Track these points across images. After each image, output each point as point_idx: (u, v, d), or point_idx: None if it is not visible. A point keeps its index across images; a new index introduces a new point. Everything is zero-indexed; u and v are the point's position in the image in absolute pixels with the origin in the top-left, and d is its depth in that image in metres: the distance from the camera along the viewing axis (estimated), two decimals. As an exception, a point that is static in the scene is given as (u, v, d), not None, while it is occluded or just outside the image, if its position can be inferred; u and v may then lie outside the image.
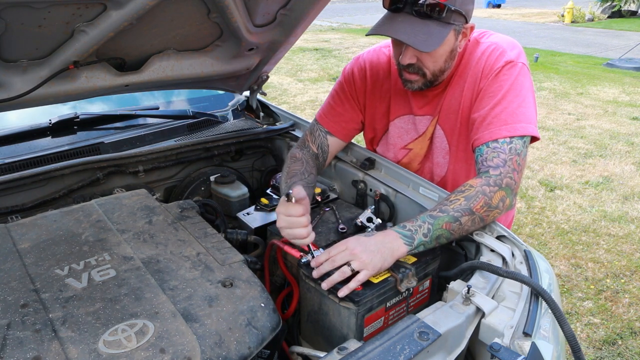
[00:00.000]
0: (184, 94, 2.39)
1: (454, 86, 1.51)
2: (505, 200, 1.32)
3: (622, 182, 4.73)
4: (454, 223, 1.26)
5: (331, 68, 9.65)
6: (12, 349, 0.88)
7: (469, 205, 1.28)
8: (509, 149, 1.34)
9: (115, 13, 1.30)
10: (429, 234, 1.25)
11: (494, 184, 1.30)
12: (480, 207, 1.28)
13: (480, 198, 1.29)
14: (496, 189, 1.30)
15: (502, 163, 1.33)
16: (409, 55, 1.41)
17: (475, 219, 1.28)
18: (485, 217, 1.30)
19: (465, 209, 1.27)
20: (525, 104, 1.38)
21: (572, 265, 3.41)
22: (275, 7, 1.60)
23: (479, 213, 1.28)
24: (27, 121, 1.86)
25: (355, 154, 1.77)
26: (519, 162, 1.34)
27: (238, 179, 1.86)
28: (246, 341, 0.97)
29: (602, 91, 8.09)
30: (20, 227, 1.27)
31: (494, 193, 1.30)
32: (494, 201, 1.29)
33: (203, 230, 1.31)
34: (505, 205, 1.32)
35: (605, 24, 16.70)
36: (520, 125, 1.35)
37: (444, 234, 1.26)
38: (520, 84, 1.39)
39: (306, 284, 1.28)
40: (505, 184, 1.31)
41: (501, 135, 1.35)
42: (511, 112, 1.36)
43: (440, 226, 1.25)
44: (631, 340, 2.71)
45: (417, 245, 1.24)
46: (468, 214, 1.27)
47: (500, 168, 1.32)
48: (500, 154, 1.34)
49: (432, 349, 1.01)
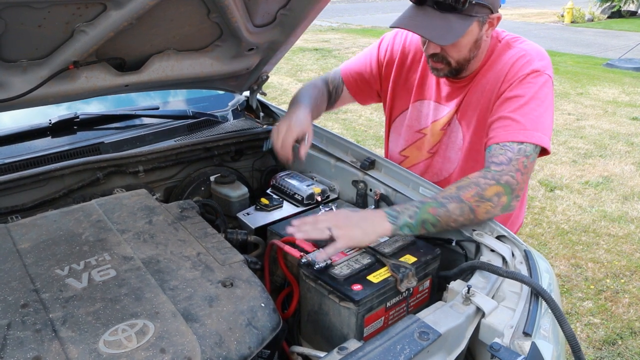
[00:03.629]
0: (184, 94, 2.39)
1: (478, 83, 1.51)
2: (501, 196, 1.29)
3: (622, 182, 4.73)
4: (440, 209, 1.26)
5: (331, 68, 9.60)
6: (12, 349, 0.88)
7: (459, 193, 1.28)
8: (518, 149, 1.33)
9: (115, 13, 1.30)
10: (414, 217, 1.25)
11: (491, 178, 1.30)
12: (470, 197, 1.27)
13: (472, 188, 1.28)
14: (492, 183, 1.29)
15: (506, 161, 1.32)
16: (433, 45, 1.43)
17: (464, 207, 1.27)
18: (476, 207, 1.28)
19: (453, 197, 1.27)
20: (546, 114, 1.38)
21: (572, 265, 3.41)
22: (275, 7, 1.60)
23: (468, 202, 1.27)
24: (27, 121, 1.86)
25: (355, 154, 1.77)
26: (525, 164, 1.33)
27: (238, 179, 1.86)
28: (246, 341, 0.97)
29: (602, 91, 8.09)
30: (20, 227, 1.27)
31: (488, 186, 1.29)
32: (486, 193, 1.28)
33: (203, 230, 1.31)
34: (501, 202, 1.30)
35: (605, 24, 16.70)
36: (537, 134, 1.34)
37: (429, 219, 1.26)
38: (545, 94, 1.39)
39: (306, 284, 1.28)
40: (505, 181, 1.30)
41: (516, 139, 1.34)
42: (532, 119, 1.36)
43: (427, 210, 1.26)
44: (631, 340, 2.71)
45: (402, 225, 1.25)
46: (456, 201, 1.27)
47: (504, 165, 1.31)
48: (508, 152, 1.33)
49: (432, 349, 1.01)
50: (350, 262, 1.27)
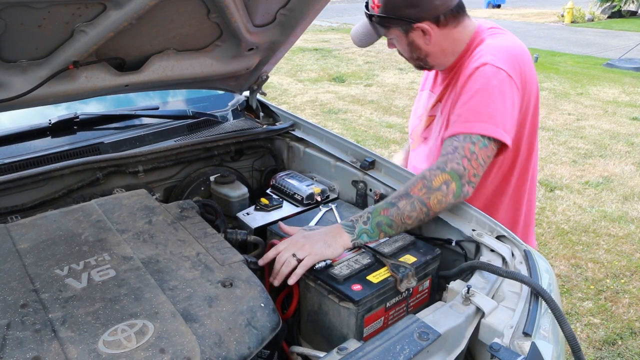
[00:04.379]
0: (184, 94, 2.39)
1: (455, 76, 1.59)
2: (449, 184, 1.32)
3: (622, 182, 4.73)
4: (391, 208, 1.30)
5: (331, 68, 9.65)
6: (11, 349, 0.88)
7: (407, 190, 1.32)
8: (463, 138, 1.37)
9: (115, 13, 1.30)
10: (368, 222, 1.30)
11: (436, 168, 1.34)
12: (418, 190, 1.31)
13: (419, 181, 1.33)
14: (438, 172, 1.32)
15: (452, 150, 1.36)
16: (389, 43, 1.64)
17: (414, 202, 1.30)
18: (426, 199, 1.31)
19: (402, 194, 1.32)
20: (492, 105, 1.39)
21: (572, 266, 3.41)
22: (275, 7, 1.60)
23: (417, 195, 1.31)
24: (27, 121, 1.86)
25: (355, 154, 1.77)
26: (472, 150, 1.35)
27: (238, 179, 1.86)
28: (246, 341, 0.97)
29: (602, 91, 8.09)
30: (20, 227, 1.27)
31: (434, 176, 1.32)
32: (434, 183, 1.31)
33: (203, 230, 1.31)
34: (450, 190, 1.32)
35: (605, 24, 16.70)
36: (480, 125, 1.37)
37: (383, 221, 1.30)
38: (493, 86, 1.41)
39: (306, 284, 1.28)
40: (450, 168, 1.33)
41: (460, 131, 1.38)
42: (476, 111, 1.40)
43: (379, 213, 1.31)
44: (631, 340, 2.71)
45: (359, 233, 1.30)
46: (405, 198, 1.31)
47: (449, 154, 1.35)
48: (454, 142, 1.37)
49: (432, 349, 1.01)
50: (350, 262, 1.27)
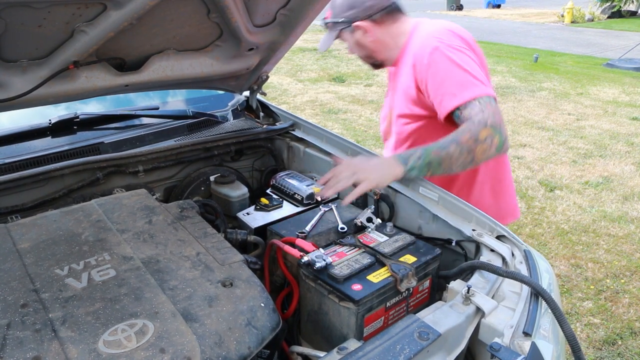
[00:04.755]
0: (184, 94, 2.39)
1: (398, 65, 1.82)
2: (493, 137, 1.46)
3: (622, 182, 4.73)
4: (442, 151, 1.44)
5: (331, 68, 9.65)
6: (12, 348, 0.88)
7: (457, 137, 1.45)
8: (478, 102, 1.51)
9: (115, 13, 1.30)
10: (420, 159, 1.44)
11: (479, 123, 1.46)
12: (467, 139, 1.44)
13: (467, 132, 1.46)
14: (482, 127, 1.46)
15: (480, 111, 1.49)
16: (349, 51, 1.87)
17: (462, 149, 1.44)
18: (474, 148, 1.45)
19: (453, 140, 1.45)
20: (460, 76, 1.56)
21: (572, 266, 3.41)
22: (275, 7, 1.60)
23: (466, 144, 1.44)
24: (27, 121, 1.86)
25: (355, 154, 1.77)
26: (493, 107, 1.51)
27: (238, 179, 1.86)
28: (246, 341, 0.97)
29: (602, 91, 8.09)
30: (20, 227, 1.27)
31: (480, 129, 1.46)
32: (480, 136, 1.45)
33: (203, 230, 1.31)
34: (494, 144, 1.46)
35: (605, 24, 16.70)
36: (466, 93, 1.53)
37: (434, 160, 1.44)
38: (452, 61, 1.58)
39: (306, 284, 1.28)
40: (490, 124, 1.46)
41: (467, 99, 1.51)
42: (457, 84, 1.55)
43: (431, 153, 1.44)
44: (631, 340, 2.71)
45: (411, 167, 1.43)
46: (455, 143, 1.44)
47: (481, 114, 1.48)
48: (474, 107, 1.50)
49: (432, 348, 1.01)
50: (350, 262, 1.27)
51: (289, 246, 1.35)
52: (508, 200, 1.92)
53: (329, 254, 1.31)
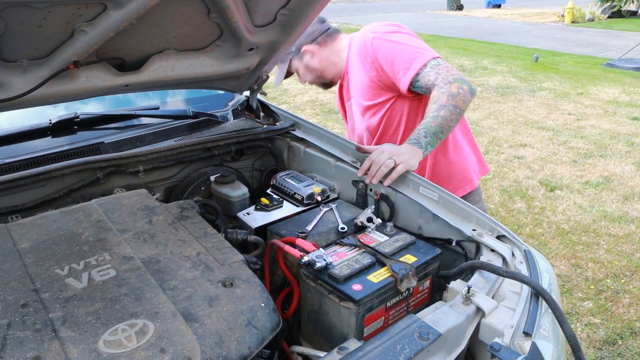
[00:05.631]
0: (183, 94, 2.39)
1: (348, 76, 2.06)
2: (462, 86, 1.69)
3: (622, 182, 4.73)
4: (437, 119, 1.64)
5: (331, 68, 9.63)
6: (12, 348, 0.88)
7: (439, 103, 1.67)
8: (429, 67, 1.75)
9: (115, 13, 1.30)
10: (427, 134, 1.62)
11: (444, 83, 1.70)
12: (446, 100, 1.66)
13: (443, 94, 1.68)
14: (448, 85, 1.68)
15: (436, 74, 1.73)
16: (299, 79, 2.15)
17: (449, 108, 1.66)
18: (455, 102, 1.67)
19: (438, 107, 1.66)
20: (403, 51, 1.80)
21: (572, 266, 3.41)
22: (275, 7, 1.60)
23: (449, 103, 1.66)
24: (27, 121, 1.86)
25: (355, 154, 1.77)
26: (443, 65, 1.76)
27: (238, 179, 1.86)
28: (246, 341, 0.97)
29: (602, 91, 8.09)
30: (20, 227, 1.27)
31: (448, 88, 1.68)
32: (453, 90, 1.68)
33: (203, 230, 1.31)
34: (466, 90, 1.70)
35: (605, 24, 16.69)
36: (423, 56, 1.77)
37: (437, 130, 1.63)
38: (391, 42, 1.83)
39: (306, 284, 1.28)
40: (453, 79, 1.70)
41: (417, 68, 1.76)
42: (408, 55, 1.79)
43: (431, 125, 1.63)
44: (631, 340, 2.71)
45: (425, 145, 1.61)
46: (442, 108, 1.66)
47: (438, 76, 1.72)
48: (428, 73, 1.75)
49: (432, 348, 1.01)
50: (351, 262, 1.27)
51: (289, 246, 1.35)
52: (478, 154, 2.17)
53: (329, 254, 1.31)
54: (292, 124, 2.03)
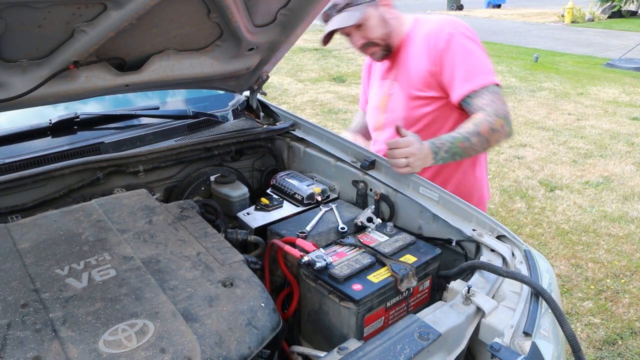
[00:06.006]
0: (183, 94, 2.38)
1: (402, 53, 1.88)
2: (504, 126, 1.65)
3: (622, 182, 4.73)
4: (467, 142, 1.61)
5: (331, 68, 9.65)
6: (12, 348, 0.88)
7: (477, 129, 1.62)
8: (487, 91, 1.68)
9: (115, 13, 1.30)
10: (449, 151, 1.59)
11: (493, 114, 1.64)
12: (486, 130, 1.62)
13: (485, 123, 1.62)
14: (496, 117, 1.64)
15: (491, 101, 1.67)
16: (355, 38, 1.83)
17: (482, 139, 1.62)
18: (490, 138, 1.63)
19: (474, 132, 1.61)
20: (481, 60, 1.74)
21: (572, 266, 3.41)
22: (275, 7, 1.60)
23: (485, 135, 1.62)
24: (27, 121, 1.86)
25: (355, 154, 1.77)
26: (500, 96, 1.70)
27: (238, 179, 1.86)
28: (246, 341, 0.97)
29: (602, 91, 8.09)
30: (20, 227, 1.27)
31: (495, 120, 1.63)
32: (496, 125, 1.63)
33: (203, 230, 1.31)
34: (505, 132, 1.66)
35: (605, 24, 16.69)
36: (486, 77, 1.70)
37: (458, 152, 1.61)
38: (467, 48, 1.74)
39: (306, 284, 1.28)
40: (502, 114, 1.65)
41: (475, 87, 1.68)
42: (474, 69, 1.71)
43: (457, 144, 1.60)
44: (631, 340, 2.71)
45: (439, 159, 1.59)
46: (476, 135, 1.61)
47: (492, 104, 1.66)
48: (483, 97, 1.68)
49: (432, 348, 1.01)
50: (351, 262, 1.27)
51: (289, 246, 1.35)
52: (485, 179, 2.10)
53: (329, 254, 1.31)
54: (292, 124, 2.03)
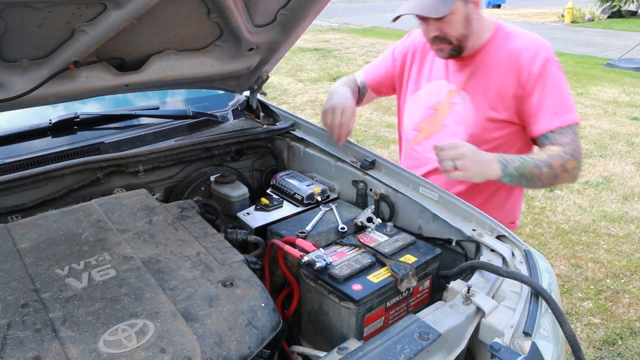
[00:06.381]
0: (183, 94, 2.38)
1: (483, 61, 1.72)
2: (576, 169, 1.60)
3: (622, 182, 4.73)
4: (537, 170, 1.55)
5: (331, 68, 9.64)
6: (12, 348, 0.88)
7: (550, 161, 1.56)
8: (570, 129, 1.61)
9: (115, 13, 1.30)
10: (518, 169, 1.52)
11: (570, 154, 1.58)
12: (558, 166, 1.56)
13: (558, 159, 1.56)
14: (571, 159, 1.58)
15: (570, 141, 1.59)
16: (431, 29, 1.65)
17: (551, 172, 1.55)
18: (559, 175, 1.57)
19: (547, 162, 1.55)
20: (566, 94, 1.65)
21: (572, 266, 3.41)
22: (275, 7, 1.60)
23: (555, 170, 1.56)
24: (26, 121, 1.86)
25: (355, 154, 1.77)
26: (578, 138, 1.63)
27: (238, 178, 1.86)
28: (246, 341, 0.97)
29: (602, 91, 8.09)
30: (20, 227, 1.27)
31: (569, 161, 1.57)
32: (568, 166, 1.57)
33: (203, 230, 1.31)
34: (573, 175, 1.60)
35: (605, 24, 16.69)
36: (571, 115, 1.62)
37: (526, 175, 1.54)
38: (561, 79, 1.66)
39: (306, 284, 1.28)
40: (578, 158, 1.59)
41: (563, 124, 1.60)
42: (563, 104, 1.62)
43: (527, 167, 1.53)
44: (631, 340, 2.71)
45: (506, 174, 1.51)
46: (548, 167, 1.55)
47: (572, 144, 1.59)
48: (567, 135, 1.60)
49: (432, 348, 1.01)
50: (351, 262, 1.27)
51: (289, 246, 1.35)
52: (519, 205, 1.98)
53: (329, 254, 1.31)
54: (292, 124, 2.03)
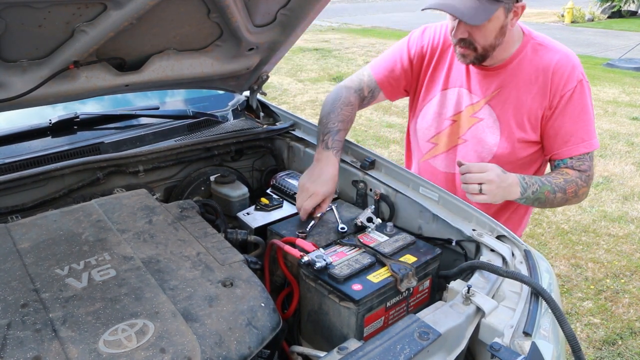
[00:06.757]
0: (183, 94, 2.38)
1: (513, 74, 1.61)
2: (584, 194, 1.64)
3: (622, 182, 4.73)
4: (551, 195, 1.55)
5: (331, 68, 9.64)
6: (12, 348, 0.88)
7: (565, 186, 1.57)
8: (589, 157, 1.64)
9: (115, 13, 1.30)
10: (534, 194, 1.52)
11: (584, 181, 1.61)
12: (571, 192, 1.58)
13: (573, 185, 1.58)
14: (584, 185, 1.61)
15: (588, 168, 1.63)
16: (461, 30, 1.52)
17: (564, 197, 1.57)
18: (570, 199, 1.60)
19: (562, 187, 1.56)
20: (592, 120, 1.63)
21: (572, 266, 3.41)
22: (275, 7, 1.60)
23: (568, 195, 1.58)
24: (26, 121, 1.86)
25: (355, 154, 1.77)
26: (593, 168, 1.67)
27: (238, 178, 1.86)
28: (246, 341, 0.97)
29: (602, 91, 8.09)
30: (20, 227, 1.27)
31: (582, 187, 1.61)
32: (580, 192, 1.61)
33: (203, 230, 1.31)
34: (581, 199, 1.65)
35: (605, 24, 16.68)
36: (593, 141, 1.63)
37: (541, 198, 1.54)
38: (589, 102, 1.61)
39: (306, 284, 1.28)
40: (589, 184, 1.64)
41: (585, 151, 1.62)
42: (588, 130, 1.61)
43: (544, 192, 1.53)
44: (631, 340, 2.71)
45: (523, 197, 1.51)
46: (562, 192, 1.56)
47: (588, 172, 1.63)
48: (585, 162, 1.63)
49: (432, 348, 1.01)
50: (351, 262, 1.27)
51: (289, 246, 1.35)
52: None
53: (329, 254, 1.31)
54: (292, 124, 2.03)
